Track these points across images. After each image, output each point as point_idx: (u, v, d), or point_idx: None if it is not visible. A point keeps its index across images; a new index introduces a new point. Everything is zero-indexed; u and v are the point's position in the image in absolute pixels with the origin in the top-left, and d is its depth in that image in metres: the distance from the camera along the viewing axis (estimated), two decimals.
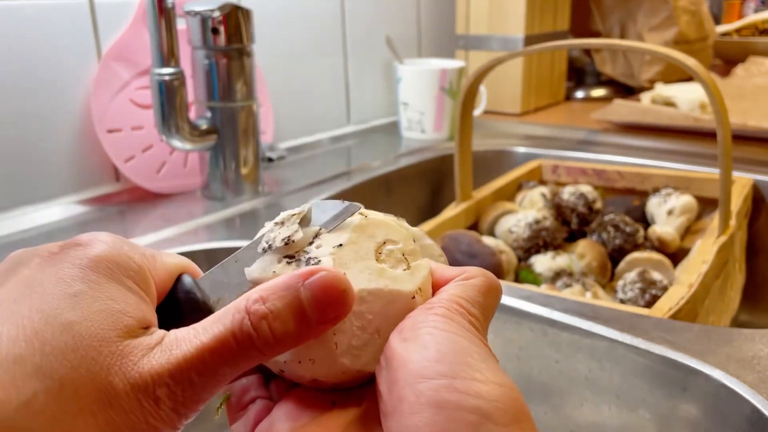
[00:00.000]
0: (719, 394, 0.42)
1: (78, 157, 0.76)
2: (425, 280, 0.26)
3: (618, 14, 1.31)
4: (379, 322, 0.25)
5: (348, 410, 0.25)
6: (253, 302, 0.22)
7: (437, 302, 0.24)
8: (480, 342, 0.23)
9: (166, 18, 0.66)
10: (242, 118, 0.75)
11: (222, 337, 0.21)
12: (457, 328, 0.23)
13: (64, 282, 0.21)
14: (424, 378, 0.21)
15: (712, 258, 0.60)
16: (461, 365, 0.21)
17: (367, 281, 0.25)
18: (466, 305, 0.24)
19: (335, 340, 0.24)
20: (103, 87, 0.74)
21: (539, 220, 0.73)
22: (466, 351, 0.22)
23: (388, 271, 0.25)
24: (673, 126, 1.01)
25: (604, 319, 0.49)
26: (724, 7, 1.99)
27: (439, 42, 1.28)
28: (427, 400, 0.20)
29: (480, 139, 1.01)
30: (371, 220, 0.27)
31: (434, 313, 0.23)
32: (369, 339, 0.25)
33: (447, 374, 0.21)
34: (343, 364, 0.25)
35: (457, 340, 0.22)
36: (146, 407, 0.20)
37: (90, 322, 0.21)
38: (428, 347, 0.22)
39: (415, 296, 0.25)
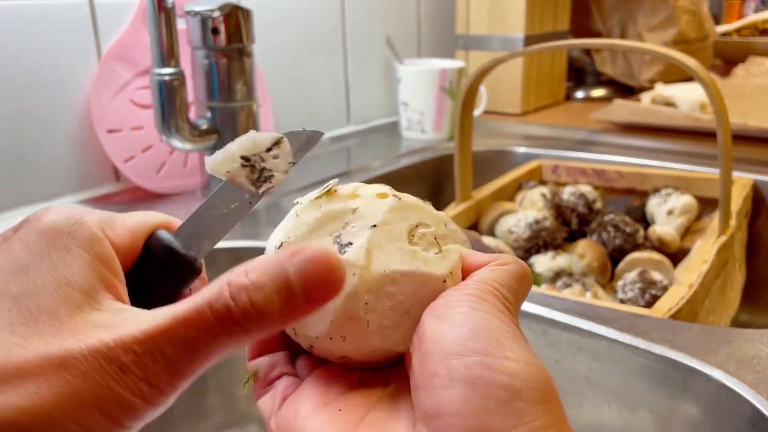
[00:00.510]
0: (719, 394, 0.42)
1: (78, 157, 0.76)
2: (456, 264, 0.26)
3: (618, 14, 1.31)
4: (409, 303, 0.25)
5: (375, 389, 0.25)
6: (235, 275, 0.21)
7: (471, 283, 0.25)
8: (512, 322, 0.23)
9: (166, 18, 0.66)
10: (242, 118, 0.75)
11: (197, 306, 0.20)
12: (489, 307, 0.23)
13: (12, 259, 0.22)
14: (457, 354, 0.21)
15: (712, 258, 0.60)
16: (494, 343, 0.21)
17: (400, 263, 0.25)
18: (500, 288, 0.24)
19: (367, 318, 0.25)
20: (103, 87, 0.74)
21: (539, 220, 0.73)
22: (498, 330, 0.22)
23: (421, 254, 0.26)
24: (673, 126, 1.01)
25: (604, 319, 0.49)
26: (724, 7, 1.99)
27: (439, 42, 1.28)
28: (459, 375, 0.21)
29: (480, 139, 1.01)
30: (404, 203, 0.27)
31: (467, 293, 0.24)
32: (399, 319, 0.25)
33: (480, 351, 0.21)
34: (373, 342, 0.25)
35: (490, 319, 0.22)
36: (109, 372, 0.19)
37: (39, 297, 0.21)
38: (461, 325, 0.22)
39: (446, 280, 0.25)
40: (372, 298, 0.25)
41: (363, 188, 0.28)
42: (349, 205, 0.27)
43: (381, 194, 0.27)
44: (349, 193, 0.27)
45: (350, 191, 0.28)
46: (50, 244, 0.22)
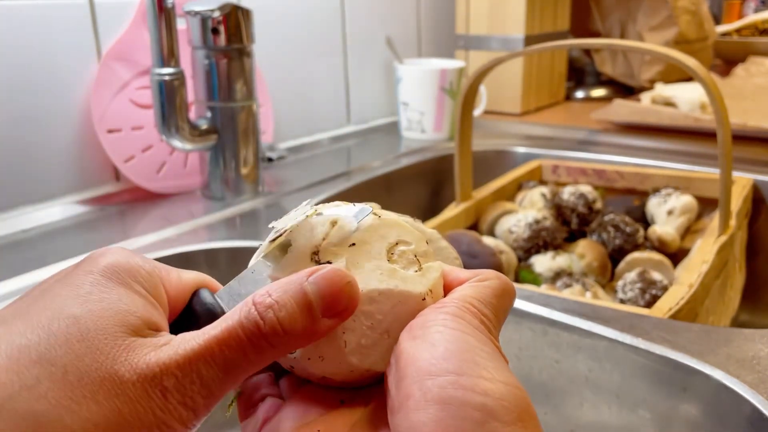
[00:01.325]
0: (719, 394, 0.42)
1: (78, 157, 0.76)
2: (436, 282, 0.26)
3: (618, 14, 1.31)
4: (388, 322, 0.25)
5: (356, 409, 0.25)
6: (259, 296, 0.22)
7: (449, 301, 0.24)
8: (489, 341, 0.23)
9: (166, 18, 0.66)
10: (242, 118, 0.75)
11: (230, 328, 0.22)
12: (466, 326, 0.23)
13: (74, 285, 0.22)
14: (431, 375, 0.21)
15: (712, 258, 0.60)
16: (468, 363, 0.21)
17: (378, 281, 0.25)
18: (479, 305, 0.24)
19: (345, 338, 0.24)
20: (103, 87, 0.74)
21: (539, 220, 0.73)
22: (473, 349, 0.22)
23: (399, 272, 0.25)
24: (673, 126, 1.01)
25: (604, 319, 0.49)
26: (724, 7, 1.99)
27: (439, 42, 1.28)
28: (432, 396, 0.21)
29: (480, 139, 1.01)
30: (384, 221, 0.27)
31: (445, 312, 0.24)
32: (378, 339, 0.25)
33: (453, 371, 0.21)
34: (351, 362, 0.25)
35: (466, 338, 0.22)
36: (153, 398, 0.20)
37: (97, 318, 0.21)
38: (436, 345, 0.22)
39: (426, 298, 0.25)
40: (349, 318, 0.24)
41: (343, 207, 0.27)
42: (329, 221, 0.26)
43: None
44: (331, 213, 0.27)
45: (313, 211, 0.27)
46: (112, 279, 0.23)
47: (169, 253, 0.62)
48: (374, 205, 0.28)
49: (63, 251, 0.63)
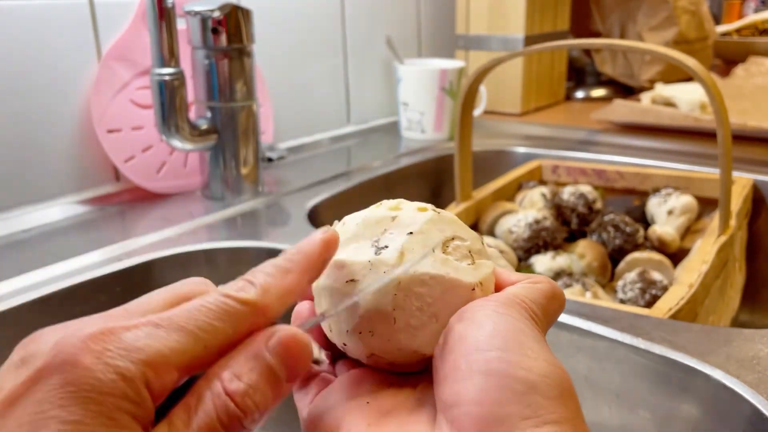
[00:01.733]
0: (719, 394, 0.42)
1: (78, 157, 0.76)
2: (487, 277, 0.27)
3: (618, 14, 1.31)
4: (437, 307, 0.26)
5: (403, 390, 0.26)
6: (228, 381, 0.20)
7: (500, 294, 0.25)
8: (536, 329, 0.24)
9: (166, 18, 0.66)
10: (242, 118, 0.75)
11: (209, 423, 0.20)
12: (515, 313, 0.24)
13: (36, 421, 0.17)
14: (478, 350, 0.22)
15: (712, 258, 0.60)
16: (514, 342, 0.22)
17: (431, 266, 0.26)
18: (529, 303, 0.25)
19: (395, 315, 0.26)
20: (103, 87, 0.74)
21: (539, 220, 0.73)
22: (521, 332, 0.23)
23: (452, 262, 0.27)
24: (673, 126, 1.01)
25: (604, 319, 0.49)
26: (724, 7, 1.99)
27: (439, 42, 1.28)
28: (478, 367, 0.22)
29: (480, 139, 1.01)
30: (443, 217, 0.28)
31: (495, 300, 0.25)
32: (426, 321, 0.26)
33: (500, 347, 0.22)
34: (400, 340, 0.26)
35: (514, 322, 0.23)
36: None
37: None
38: (485, 326, 0.23)
39: (475, 288, 0.26)
40: (401, 296, 0.26)
41: (406, 203, 0.29)
42: (390, 214, 0.28)
43: (421, 208, 0.29)
44: (393, 206, 0.29)
45: (394, 204, 0.29)
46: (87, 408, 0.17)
47: (169, 254, 0.62)
48: (432, 206, 0.29)
49: (63, 251, 0.63)
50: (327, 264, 0.25)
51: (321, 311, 0.28)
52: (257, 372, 0.21)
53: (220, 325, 0.21)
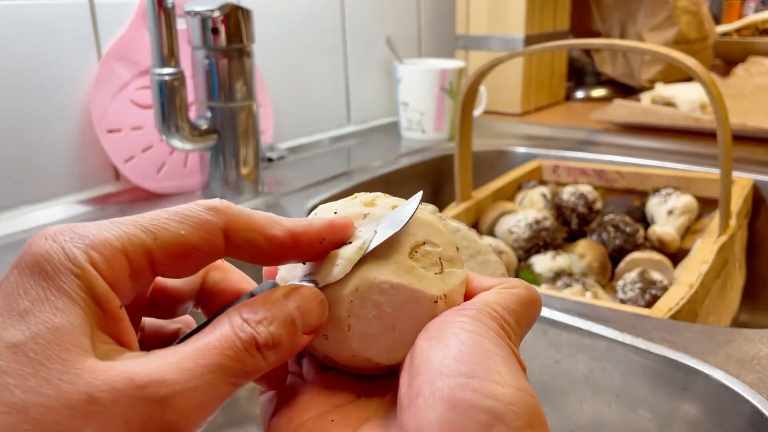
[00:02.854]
0: (719, 394, 0.42)
1: (78, 157, 0.76)
2: (454, 288, 0.26)
3: (618, 14, 1.31)
4: (396, 317, 0.25)
5: (371, 404, 0.25)
6: (246, 312, 0.22)
7: (470, 305, 0.24)
8: (506, 346, 0.23)
9: (166, 18, 0.66)
10: (242, 118, 0.75)
11: (226, 336, 0.21)
12: (484, 330, 0.23)
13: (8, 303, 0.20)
14: (442, 375, 0.21)
15: (712, 258, 0.60)
16: (481, 366, 0.21)
17: (393, 274, 0.25)
18: (501, 311, 0.24)
19: (349, 322, 0.25)
20: (103, 87, 0.74)
21: (539, 220, 0.73)
22: (488, 353, 0.22)
23: (417, 270, 0.25)
24: (673, 126, 1.01)
25: (604, 319, 0.49)
26: (724, 7, 1.99)
27: (439, 42, 1.28)
28: (441, 396, 0.21)
29: (480, 139, 1.01)
30: (416, 218, 0.26)
31: (464, 315, 0.23)
32: (383, 331, 0.25)
33: (465, 373, 0.21)
34: (352, 347, 0.25)
35: (482, 341, 0.22)
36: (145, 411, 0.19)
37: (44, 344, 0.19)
38: (451, 346, 0.22)
39: (438, 301, 0.25)
40: (357, 303, 0.24)
41: (382, 198, 0.28)
42: (362, 210, 0.27)
43: (395, 206, 0.27)
44: (367, 201, 0.27)
45: (369, 200, 0.28)
46: (45, 284, 0.20)
47: None
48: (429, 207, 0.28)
49: None
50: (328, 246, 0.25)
51: None
52: (273, 313, 0.23)
53: (174, 223, 0.22)
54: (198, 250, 0.23)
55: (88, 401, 0.18)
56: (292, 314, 0.23)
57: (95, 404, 0.18)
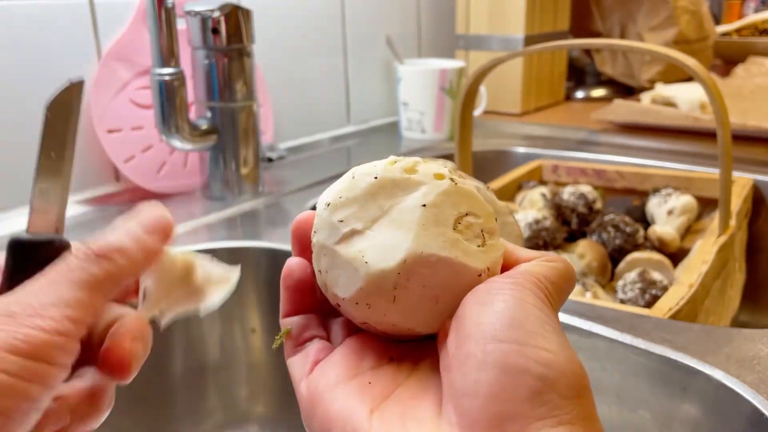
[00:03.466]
0: (719, 394, 0.42)
1: (78, 157, 0.75)
2: (496, 260, 0.26)
3: (618, 14, 1.31)
4: (440, 289, 0.25)
5: (405, 366, 0.25)
6: None
7: (516, 273, 0.25)
8: (553, 316, 0.23)
9: (166, 18, 0.66)
10: (242, 118, 0.75)
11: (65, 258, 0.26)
12: (532, 298, 0.23)
13: None
14: (495, 339, 0.21)
15: (712, 258, 0.60)
16: (533, 334, 0.22)
17: (440, 247, 0.25)
18: (544, 281, 0.24)
19: (395, 293, 0.25)
20: (103, 87, 0.74)
21: (539, 220, 0.73)
22: (539, 321, 0.22)
23: (462, 243, 0.25)
24: (673, 126, 1.01)
25: (604, 319, 0.49)
26: (724, 7, 1.99)
27: (439, 42, 1.28)
28: (494, 359, 0.21)
29: (480, 139, 1.01)
30: (459, 189, 0.26)
31: (511, 282, 0.24)
32: (426, 303, 0.25)
33: (518, 340, 0.21)
34: (395, 318, 0.25)
35: (532, 309, 0.23)
36: None
37: None
38: (503, 312, 0.22)
39: (482, 274, 0.25)
40: (404, 276, 0.25)
41: (422, 164, 0.27)
42: (404, 177, 0.26)
43: (438, 174, 0.27)
44: (408, 167, 0.27)
45: (410, 165, 0.27)
46: None
47: None
48: (450, 166, 0.28)
49: None
50: None
51: (319, 269, 0.27)
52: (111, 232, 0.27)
53: None
54: None
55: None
56: (131, 227, 0.27)
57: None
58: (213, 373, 0.63)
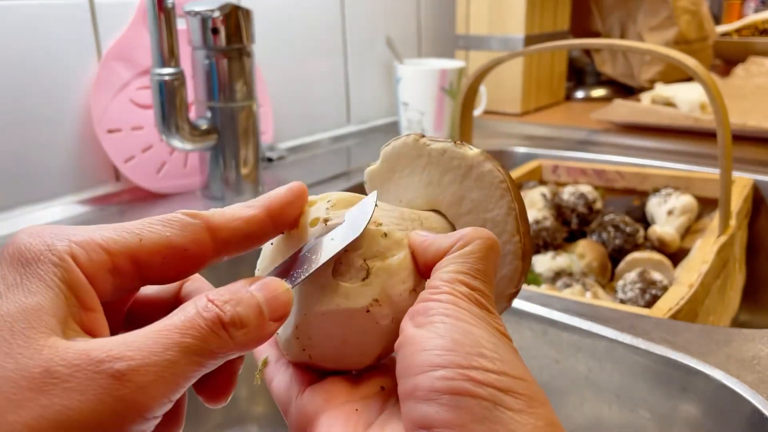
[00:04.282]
0: (719, 394, 0.42)
1: (78, 157, 0.76)
2: (385, 283, 0.25)
3: (618, 14, 1.31)
4: (343, 334, 0.25)
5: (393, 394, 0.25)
6: (212, 294, 0.22)
7: (441, 285, 0.24)
8: (491, 327, 0.23)
9: (166, 18, 0.66)
10: (242, 118, 0.75)
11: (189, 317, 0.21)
12: (468, 316, 0.23)
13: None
14: (439, 366, 0.21)
15: (712, 258, 0.60)
16: (475, 356, 0.22)
17: (319, 302, 0.25)
18: (470, 281, 0.24)
19: (309, 353, 0.26)
20: (103, 87, 0.74)
21: (539, 220, 0.73)
22: (479, 341, 0.22)
23: (342, 287, 0.25)
24: (673, 126, 1.01)
25: (604, 319, 0.49)
26: (724, 7, 1.99)
27: (439, 42, 1.28)
28: (440, 387, 0.21)
29: (480, 139, 1.01)
30: (330, 227, 0.26)
31: (443, 300, 0.23)
32: (340, 347, 0.26)
33: (462, 364, 0.21)
34: (326, 366, 0.26)
35: (470, 329, 0.22)
36: (102, 384, 0.19)
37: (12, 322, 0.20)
38: (443, 336, 0.22)
39: (370, 309, 0.25)
40: (304, 338, 0.26)
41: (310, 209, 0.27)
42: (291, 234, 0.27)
43: (313, 221, 0.27)
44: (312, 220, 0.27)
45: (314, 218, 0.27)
46: (23, 270, 0.21)
47: None
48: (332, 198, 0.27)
49: None
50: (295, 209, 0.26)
51: None
52: (240, 296, 0.23)
53: (159, 227, 0.23)
54: (185, 250, 0.23)
55: (45, 374, 0.19)
56: (257, 299, 0.23)
57: (51, 377, 0.19)
58: None
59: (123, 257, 0.22)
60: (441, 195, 0.29)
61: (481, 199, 0.28)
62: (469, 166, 0.28)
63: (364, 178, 0.32)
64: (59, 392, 0.18)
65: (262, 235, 0.26)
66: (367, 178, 0.32)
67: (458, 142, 0.29)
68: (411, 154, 0.30)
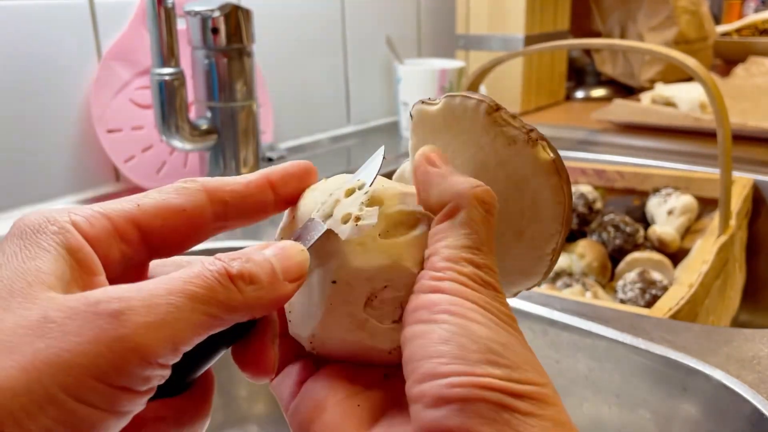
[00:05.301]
0: (719, 394, 0.42)
1: (78, 157, 0.76)
2: None
3: (618, 14, 1.31)
4: (356, 357, 0.25)
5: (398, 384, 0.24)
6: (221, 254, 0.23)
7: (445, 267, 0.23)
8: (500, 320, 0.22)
9: (166, 18, 0.66)
10: (242, 118, 0.75)
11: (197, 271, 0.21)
12: (475, 312, 0.22)
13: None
14: (446, 375, 0.21)
15: (712, 258, 0.60)
16: (483, 364, 0.21)
17: (345, 330, 0.24)
18: (475, 258, 0.23)
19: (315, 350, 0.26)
20: (103, 87, 0.74)
21: None
22: (487, 346, 0.21)
23: (370, 324, 0.24)
24: (673, 126, 1.01)
25: (604, 319, 0.49)
26: (724, 7, 1.99)
27: (439, 42, 1.28)
28: (448, 395, 0.21)
29: None
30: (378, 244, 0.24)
31: (448, 291, 0.22)
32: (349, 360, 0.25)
33: (469, 372, 0.21)
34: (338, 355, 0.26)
35: (477, 330, 0.22)
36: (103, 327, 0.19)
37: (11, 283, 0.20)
38: (448, 341, 0.21)
39: (393, 351, 0.25)
40: (317, 343, 0.25)
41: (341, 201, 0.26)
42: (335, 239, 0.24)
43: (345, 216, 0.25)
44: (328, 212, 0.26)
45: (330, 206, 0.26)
46: (22, 242, 0.21)
47: None
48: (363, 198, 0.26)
49: None
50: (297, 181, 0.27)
51: None
52: (249, 255, 0.23)
53: (156, 193, 0.24)
54: (183, 210, 0.24)
55: (42, 320, 0.19)
56: (269, 258, 0.23)
57: (48, 322, 0.18)
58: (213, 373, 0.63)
59: (124, 221, 0.23)
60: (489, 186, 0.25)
61: (532, 211, 0.26)
62: (534, 172, 0.26)
63: (411, 112, 0.29)
64: (56, 335, 0.18)
65: (263, 200, 0.26)
66: (417, 117, 0.28)
67: (533, 133, 0.25)
68: (475, 128, 0.26)
